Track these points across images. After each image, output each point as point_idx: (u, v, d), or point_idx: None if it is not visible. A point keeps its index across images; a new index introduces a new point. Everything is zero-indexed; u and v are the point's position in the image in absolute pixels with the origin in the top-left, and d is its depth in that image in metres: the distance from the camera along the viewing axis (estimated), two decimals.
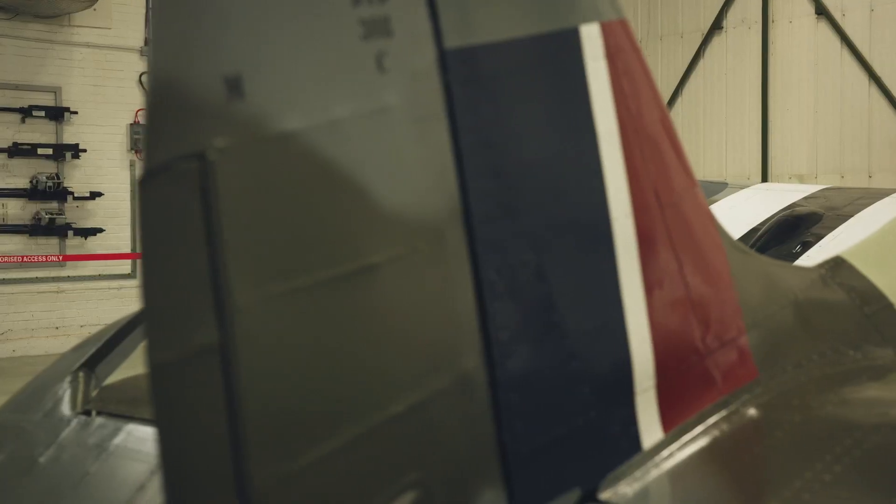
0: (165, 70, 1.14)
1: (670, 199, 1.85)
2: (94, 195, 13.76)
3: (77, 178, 13.72)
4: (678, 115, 15.54)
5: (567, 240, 1.67)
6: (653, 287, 1.78)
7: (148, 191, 1.13)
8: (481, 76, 1.55)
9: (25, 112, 13.32)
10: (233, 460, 1.16)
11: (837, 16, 14.01)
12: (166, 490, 1.15)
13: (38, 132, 13.46)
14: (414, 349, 1.42)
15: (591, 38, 1.72)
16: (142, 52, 14.26)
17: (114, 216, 14.03)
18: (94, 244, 13.81)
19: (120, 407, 2.60)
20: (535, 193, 1.62)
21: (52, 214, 13.42)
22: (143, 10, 14.24)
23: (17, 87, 13.33)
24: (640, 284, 1.76)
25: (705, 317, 1.90)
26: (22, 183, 13.38)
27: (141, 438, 2.43)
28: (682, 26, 15.78)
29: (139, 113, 14.22)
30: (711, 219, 1.99)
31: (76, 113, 13.65)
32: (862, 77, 13.80)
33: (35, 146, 13.34)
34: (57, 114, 13.51)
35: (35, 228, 13.40)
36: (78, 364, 2.76)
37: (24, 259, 12.96)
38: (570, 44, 1.69)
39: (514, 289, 1.57)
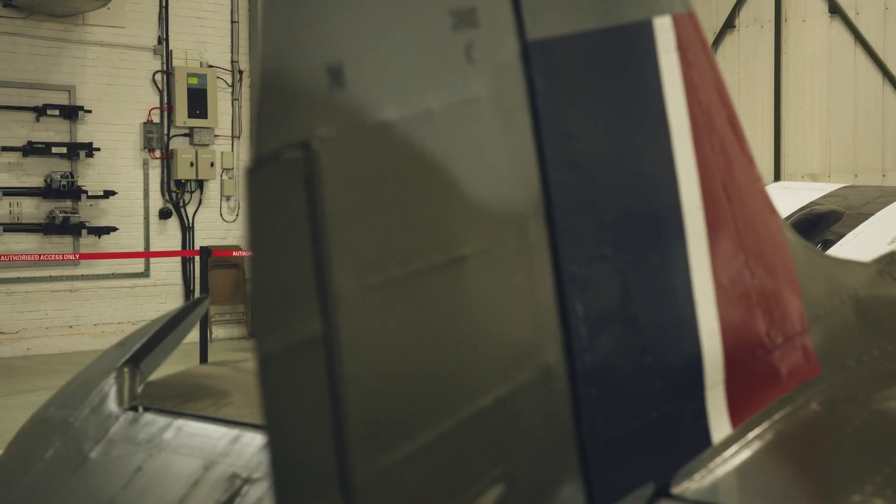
0: (272, 60, 1.14)
1: (737, 192, 1.84)
2: (108, 194, 13.76)
3: (91, 176, 13.73)
4: None
5: (641, 232, 1.66)
6: (721, 280, 1.77)
7: (255, 180, 1.12)
8: (561, 68, 1.54)
9: (40, 111, 13.32)
10: (336, 452, 1.16)
11: (851, 14, 13.97)
12: (273, 478, 1.15)
13: (52, 131, 13.46)
14: (501, 341, 1.42)
15: (664, 30, 1.71)
16: (155, 51, 14.27)
17: (127, 215, 14.04)
18: (107, 243, 13.82)
19: (167, 403, 2.59)
20: (612, 186, 1.62)
21: (66, 213, 13.42)
22: (157, 9, 14.25)
23: (31, 86, 13.33)
24: (710, 278, 1.75)
25: (770, 311, 1.89)
26: (36, 182, 13.39)
27: (191, 434, 2.43)
28: None
29: (152, 112, 14.24)
30: (775, 213, 1.98)
31: (90, 112, 13.64)
32: (876, 76, 13.76)
33: (49, 145, 13.35)
34: (71, 112, 13.52)
35: (49, 227, 13.41)
36: (122, 360, 2.76)
37: (40, 258, 12.95)
38: (643, 36, 1.68)
39: (594, 282, 1.57)
